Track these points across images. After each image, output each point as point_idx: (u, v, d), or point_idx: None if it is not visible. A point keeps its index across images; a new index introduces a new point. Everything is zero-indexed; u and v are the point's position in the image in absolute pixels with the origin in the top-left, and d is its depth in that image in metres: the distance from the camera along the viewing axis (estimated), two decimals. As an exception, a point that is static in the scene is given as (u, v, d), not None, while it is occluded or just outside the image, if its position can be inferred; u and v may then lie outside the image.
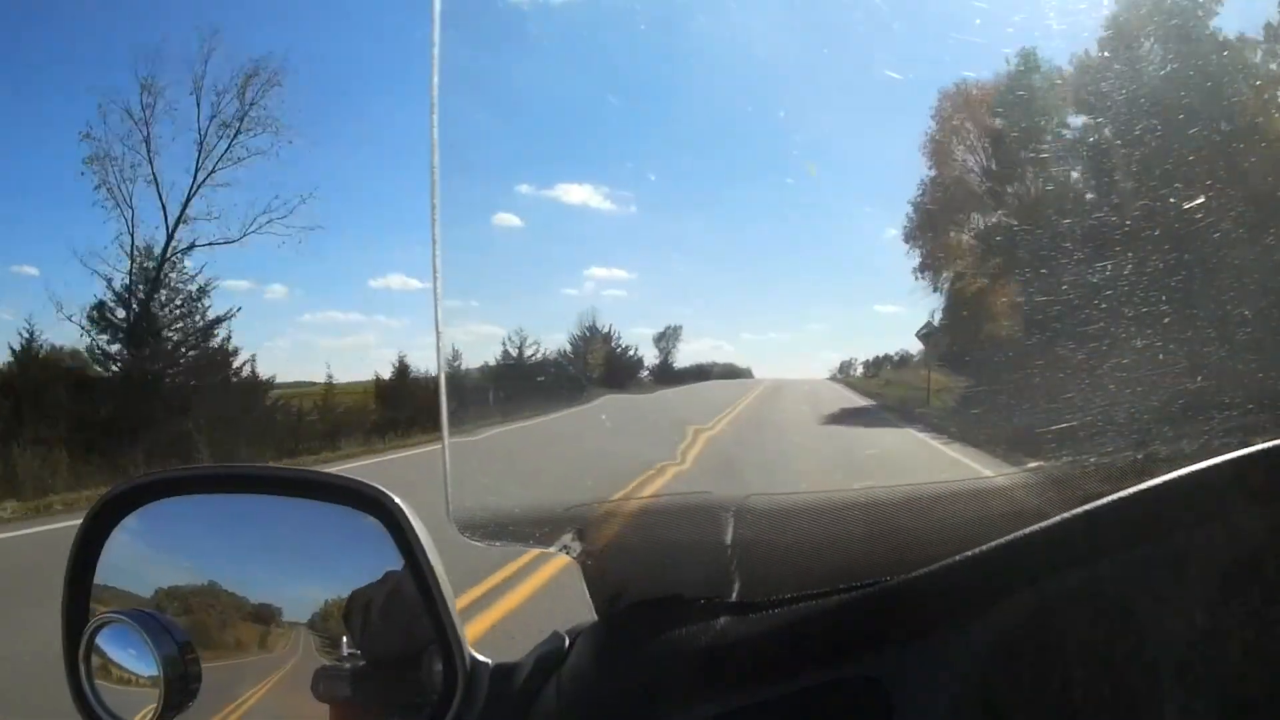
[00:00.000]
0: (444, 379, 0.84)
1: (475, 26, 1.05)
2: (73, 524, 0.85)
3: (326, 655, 0.75)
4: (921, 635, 0.63)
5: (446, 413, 0.82)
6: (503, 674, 0.74)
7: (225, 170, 17.66)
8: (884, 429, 6.73)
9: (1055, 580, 0.59)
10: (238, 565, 0.80)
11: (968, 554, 0.61)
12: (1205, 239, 1.24)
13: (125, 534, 0.80)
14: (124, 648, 0.75)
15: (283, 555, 0.83)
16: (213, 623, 0.78)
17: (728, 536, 0.74)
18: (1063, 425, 1.00)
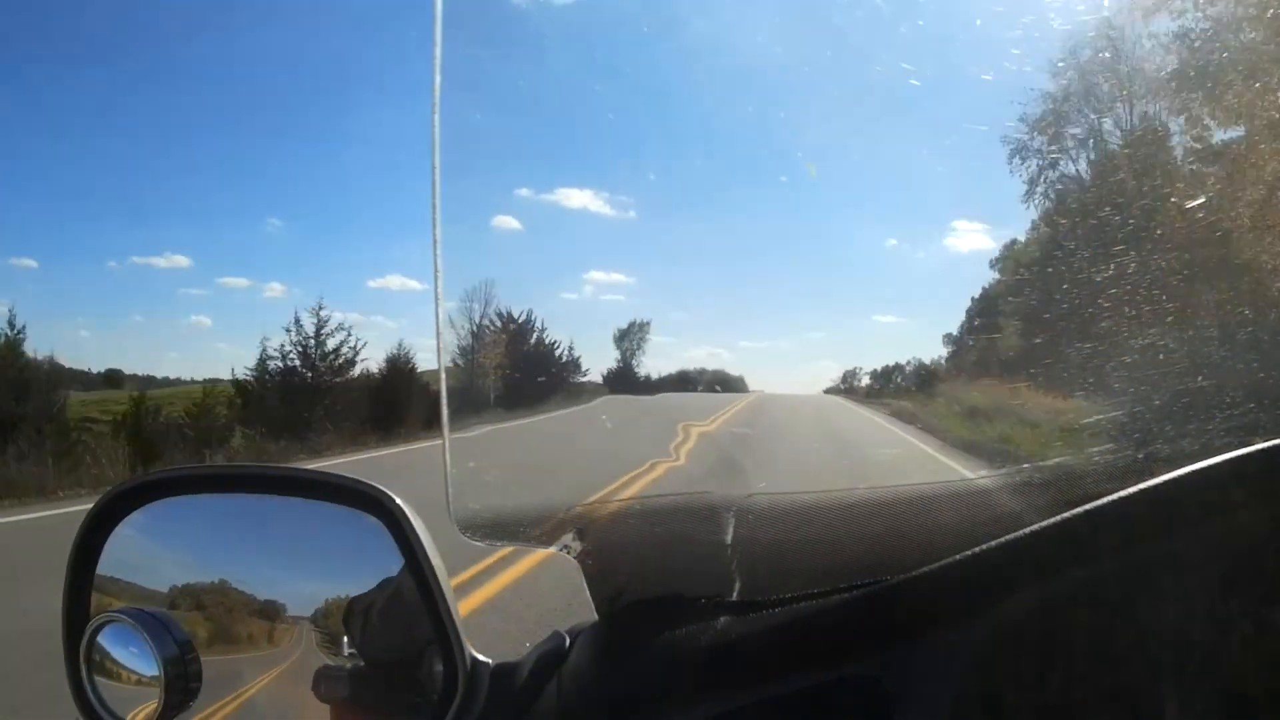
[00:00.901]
0: (444, 379, 0.84)
1: (477, 27, 1.05)
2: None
3: (328, 652, 0.75)
4: (923, 634, 0.63)
5: (447, 413, 0.82)
6: (503, 674, 0.74)
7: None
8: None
9: (1056, 579, 0.59)
10: (241, 563, 0.80)
11: (969, 553, 0.61)
12: (1207, 238, 1.24)
13: (129, 530, 0.80)
14: (125, 646, 0.75)
15: (285, 554, 0.83)
16: (223, 618, 0.78)
17: (728, 536, 0.74)
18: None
